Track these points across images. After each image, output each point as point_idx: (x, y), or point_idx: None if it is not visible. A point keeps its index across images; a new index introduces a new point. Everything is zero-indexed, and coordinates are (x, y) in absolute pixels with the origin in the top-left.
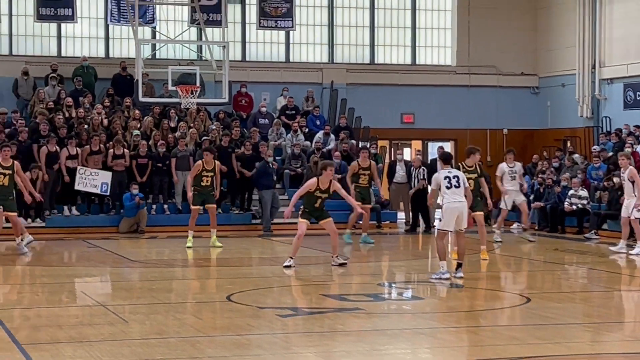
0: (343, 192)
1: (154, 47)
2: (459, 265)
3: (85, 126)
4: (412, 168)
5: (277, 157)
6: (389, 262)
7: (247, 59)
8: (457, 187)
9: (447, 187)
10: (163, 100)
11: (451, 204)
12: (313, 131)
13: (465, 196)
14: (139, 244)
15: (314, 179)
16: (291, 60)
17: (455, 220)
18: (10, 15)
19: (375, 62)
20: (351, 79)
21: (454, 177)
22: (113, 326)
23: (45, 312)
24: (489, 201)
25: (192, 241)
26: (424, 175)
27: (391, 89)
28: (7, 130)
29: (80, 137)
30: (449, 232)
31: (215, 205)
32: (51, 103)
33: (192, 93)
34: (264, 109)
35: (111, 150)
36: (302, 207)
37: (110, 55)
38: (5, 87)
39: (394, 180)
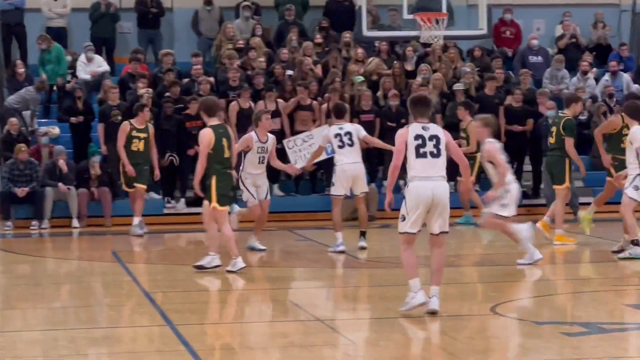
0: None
1: None
2: None
3: (290, 72)
4: None
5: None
6: None
7: None
8: None
9: None
10: (396, 33)
11: None
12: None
13: None
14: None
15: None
16: None
17: None
18: None
19: None
20: None
21: None
22: (335, 348)
23: (241, 329)
24: None
25: None
26: None
27: None
28: (184, 81)
29: (283, 87)
30: None
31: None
32: (242, 42)
33: (436, 23)
34: (535, 42)
35: (324, 105)
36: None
37: None
38: (182, 22)
39: None
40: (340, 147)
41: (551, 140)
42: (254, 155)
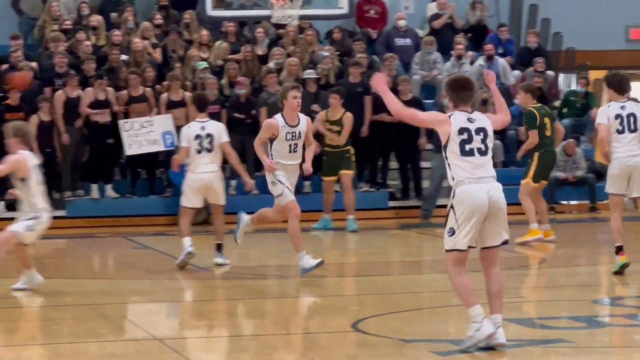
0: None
1: None
2: None
3: (123, 57)
4: None
5: (428, 100)
6: (609, 265)
7: None
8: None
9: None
10: (244, 13)
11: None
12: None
13: None
14: (209, 241)
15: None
16: None
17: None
18: None
19: None
20: None
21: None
22: None
23: (69, 350)
24: None
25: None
26: None
27: None
28: (3, 67)
29: (116, 74)
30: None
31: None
32: (69, 22)
33: (290, 1)
34: (403, 23)
35: (164, 95)
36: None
37: None
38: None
39: None
40: (198, 151)
41: (547, 132)
42: (282, 143)
